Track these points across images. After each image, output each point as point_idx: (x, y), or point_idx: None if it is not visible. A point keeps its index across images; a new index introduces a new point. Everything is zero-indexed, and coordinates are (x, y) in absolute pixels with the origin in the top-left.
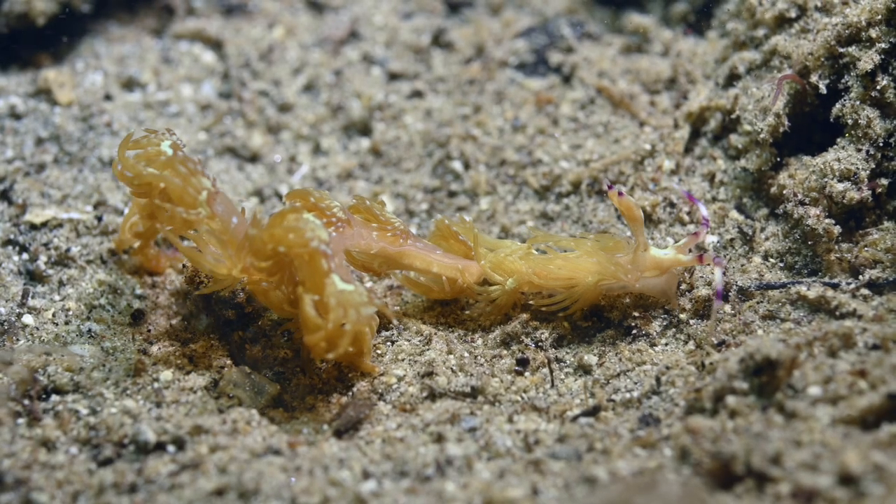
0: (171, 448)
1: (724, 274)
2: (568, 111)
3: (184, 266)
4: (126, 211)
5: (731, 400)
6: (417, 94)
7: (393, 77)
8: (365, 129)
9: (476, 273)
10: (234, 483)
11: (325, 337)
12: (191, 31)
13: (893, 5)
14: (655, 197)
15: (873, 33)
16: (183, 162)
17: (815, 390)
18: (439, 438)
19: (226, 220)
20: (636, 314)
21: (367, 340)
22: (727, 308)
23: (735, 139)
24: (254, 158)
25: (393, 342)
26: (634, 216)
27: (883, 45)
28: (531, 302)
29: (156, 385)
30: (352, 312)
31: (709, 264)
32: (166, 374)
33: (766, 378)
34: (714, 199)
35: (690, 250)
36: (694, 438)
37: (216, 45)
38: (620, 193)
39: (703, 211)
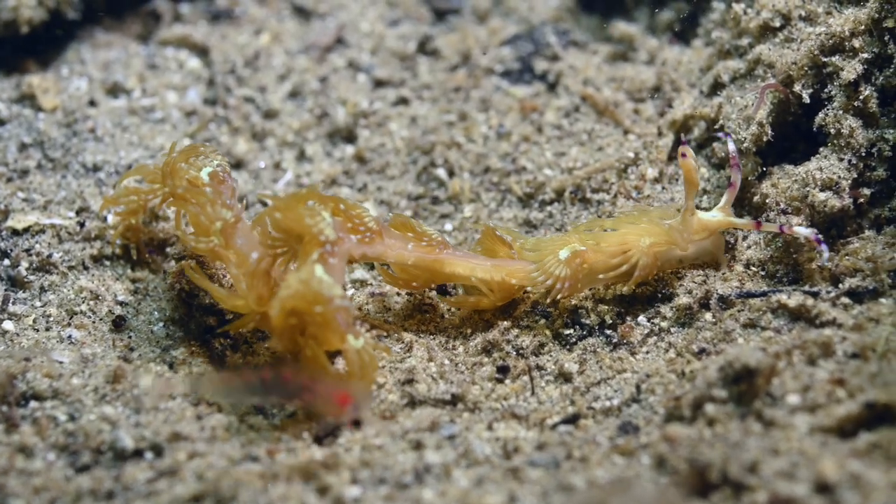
0: (148, 455)
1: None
2: (552, 119)
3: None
4: (110, 218)
5: (709, 408)
6: (403, 101)
7: (378, 84)
8: (350, 136)
9: (523, 271)
10: (211, 490)
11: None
12: (177, 37)
13: (877, 16)
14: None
15: (856, 43)
16: (206, 188)
17: (793, 399)
18: (418, 446)
19: (243, 252)
20: (618, 321)
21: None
22: (707, 316)
23: (719, 148)
24: (238, 165)
25: (373, 349)
26: (693, 179)
27: (866, 56)
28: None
29: (135, 391)
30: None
31: (769, 231)
32: (146, 381)
33: (745, 386)
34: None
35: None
36: (671, 446)
37: (202, 51)
38: (684, 155)
39: (732, 147)
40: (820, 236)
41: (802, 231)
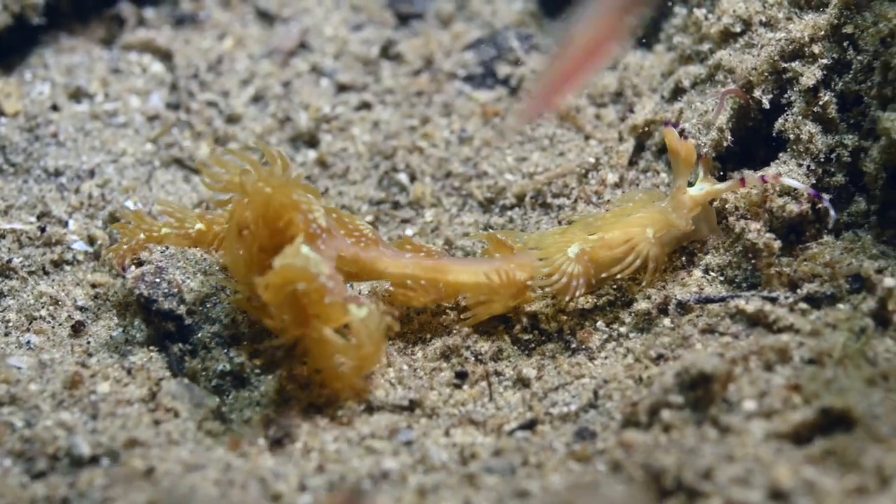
0: (104, 461)
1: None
2: (513, 123)
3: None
4: (71, 223)
5: (666, 414)
6: (365, 106)
7: (341, 88)
8: (312, 141)
9: (529, 266)
10: (165, 496)
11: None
12: (140, 41)
13: (836, 21)
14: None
15: (816, 49)
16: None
17: (749, 405)
18: (375, 452)
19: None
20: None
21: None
22: (666, 321)
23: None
24: (199, 170)
25: None
26: (691, 161)
27: (825, 61)
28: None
29: (92, 397)
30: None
31: (753, 186)
32: (103, 387)
33: (702, 392)
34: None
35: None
36: (627, 452)
37: (165, 55)
38: (682, 133)
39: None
40: (811, 191)
41: (791, 182)
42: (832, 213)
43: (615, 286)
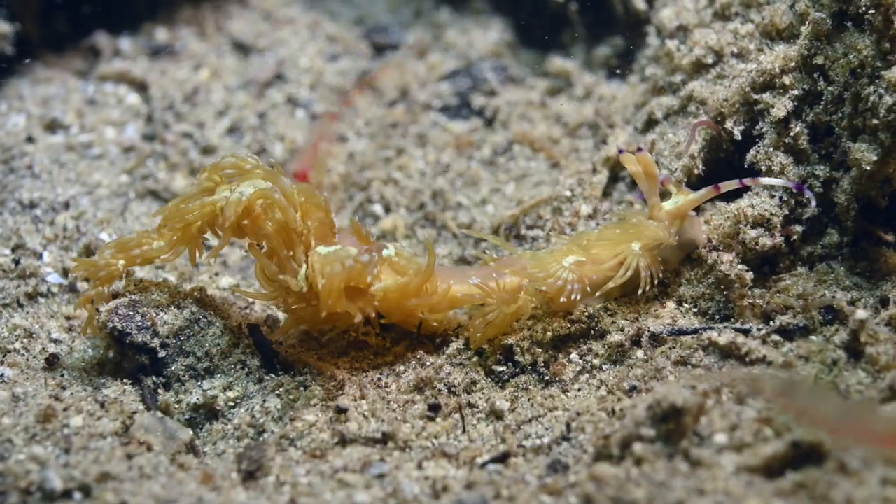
0: (77, 495)
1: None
2: (488, 154)
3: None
4: (46, 255)
5: (637, 447)
6: (340, 138)
7: (317, 119)
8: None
9: (524, 272)
10: None
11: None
12: (116, 72)
13: (806, 53)
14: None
15: (787, 80)
16: None
17: (720, 438)
18: (347, 485)
19: None
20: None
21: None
22: (639, 353)
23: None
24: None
25: (306, 387)
26: (653, 173)
27: (796, 92)
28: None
29: (65, 431)
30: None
31: (728, 189)
32: (76, 420)
33: (673, 425)
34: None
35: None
36: (598, 486)
37: (141, 86)
38: (640, 149)
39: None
40: (796, 188)
41: (770, 181)
42: (813, 202)
43: (587, 315)
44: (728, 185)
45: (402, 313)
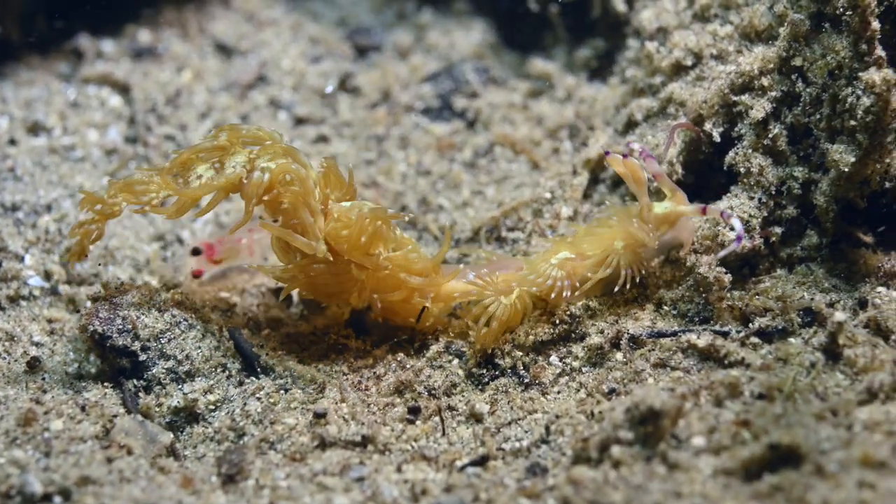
0: (57, 499)
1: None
2: (470, 156)
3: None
4: (28, 258)
5: (615, 450)
6: (322, 139)
7: (299, 121)
8: None
9: (516, 276)
10: None
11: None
12: (99, 74)
13: (785, 54)
14: None
15: (765, 82)
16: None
17: (698, 441)
18: (326, 488)
19: None
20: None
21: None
22: (619, 356)
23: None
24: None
25: (287, 390)
26: (640, 178)
27: (775, 94)
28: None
29: (46, 435)
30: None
31: (713, 217)
32: (57, 424)
33: (651, 428)
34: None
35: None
36: (576, 489)
37: (123, 89)
38: (625, 155)
39: (636, 146)
40: (742, 236)
41: (735, 223)
42: (739, 229)
43: (569, 313)
44: (712, 213)
45: (403, 299)
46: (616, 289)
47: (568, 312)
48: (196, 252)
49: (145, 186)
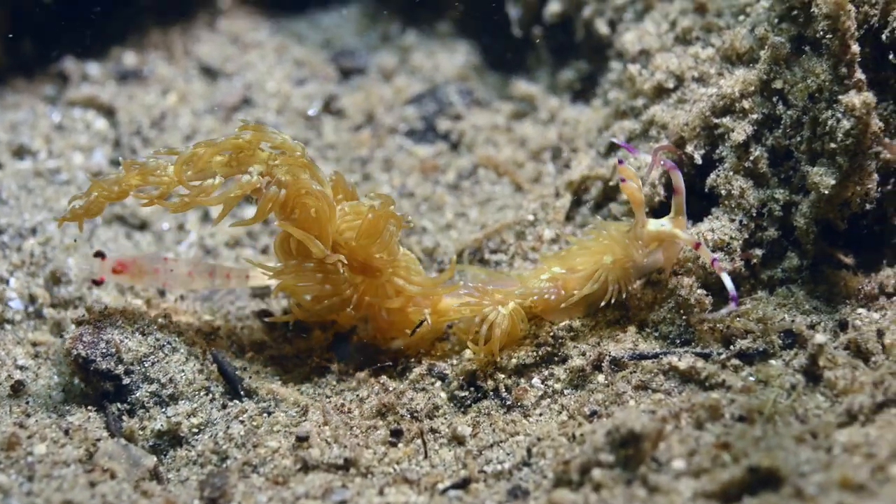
0: None
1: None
2: (453, 178)
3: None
4: (12, 281)
5: (596, 473)
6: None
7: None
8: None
9: (505, 290)
10: None
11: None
12: (84, 97)
13: (765, 77)
14: None
15: (746, 104)
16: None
17: (678, 464)
18: None
19: None
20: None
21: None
22: (600, 378)
23: (615, 208)
24: (142, 226)
25: (270, 413)
26: (637, 198)
27: (756, 116)
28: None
29: (29, 459)
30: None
31: (704, 258)
32: (40, 448)
33: (632, 451)
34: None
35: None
36: None
37: (109, 111)
38: (623, 179)
39: (667, 162)
40: (735, 295)
41: (725, 280)
42: (727, 309)
43: (552, 335)
44: (704, 254)
45: (399, 307)
46: (602, 304)
47: (551, 334)
48: (99, 255)
49: (157, 177)
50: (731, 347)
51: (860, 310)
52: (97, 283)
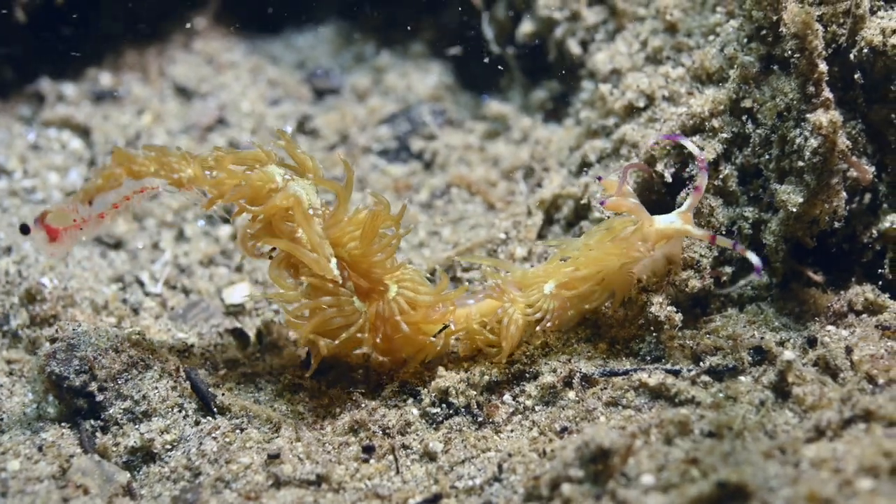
0: None
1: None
2: (426, 197)
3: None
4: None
5: (566, 488)
6: None
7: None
8: (228, 217)
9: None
10: None
11: None
12: (59, 118)
13: (735, 96)
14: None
15: (716, 123)
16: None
17: (647, 479)
18: None
19: None
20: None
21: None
22: (571, 395)
23: (587, 226)
24: (117, 245)
25: (242, 430)
26: (629, 207)
27: (725, 135)
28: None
29: (3, 475)
30: None
31: (723, 246)
32: (14, 464)
33: (601, 466)
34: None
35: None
36: None
37: (84, 131)
38: (602, 202)
39: (694, 149)
40: (759, 266)
41: (751, 257)
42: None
43: (527, 354)
44: (723, 242)
45: (417, 321)
46: (611, 310)
47: (527, 353)
48: (24, 230)
49: (177, 168)
50: (701, 364)
51: (829, 327)
52: (53, 237)
